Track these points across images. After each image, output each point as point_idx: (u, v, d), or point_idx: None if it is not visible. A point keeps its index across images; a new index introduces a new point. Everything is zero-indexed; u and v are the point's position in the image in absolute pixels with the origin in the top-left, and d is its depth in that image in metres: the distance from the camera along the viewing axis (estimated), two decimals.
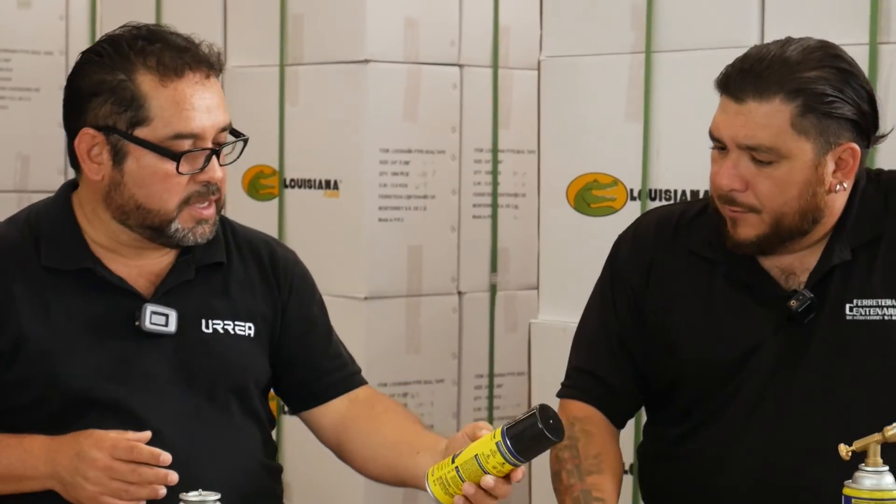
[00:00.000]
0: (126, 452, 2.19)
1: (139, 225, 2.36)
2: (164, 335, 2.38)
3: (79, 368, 2.33)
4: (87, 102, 2.35)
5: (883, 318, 2.39)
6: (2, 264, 2.37)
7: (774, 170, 2.35)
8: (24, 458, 2.26)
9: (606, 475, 2.39)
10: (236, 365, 2.44)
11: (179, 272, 2.42)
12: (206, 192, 2.35)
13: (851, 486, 1.96)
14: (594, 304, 2.57)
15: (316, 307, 2.56)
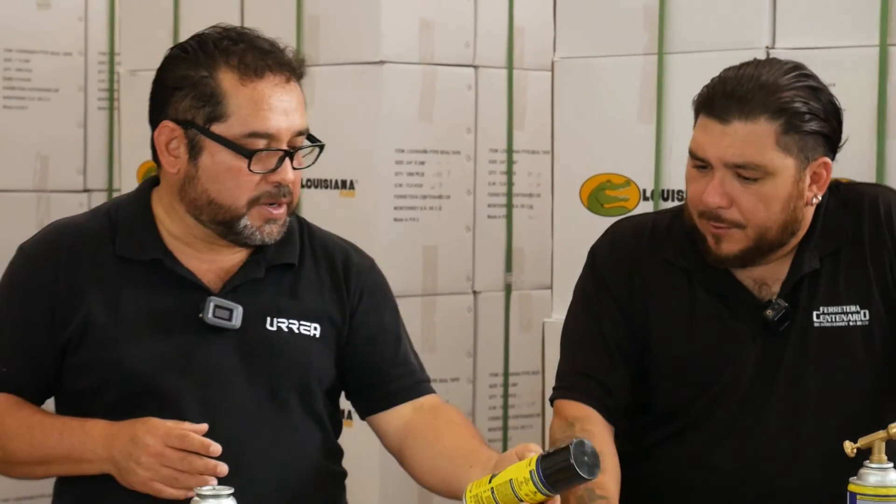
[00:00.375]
0: (178, 440, 2.24)
1: (210, 220, 2.40)
2: (227, 330, 2.41)
3: (141, 356, 2.38)
4: (170, 96, 2.41)
5: (848, 323, 2.49)
6: (77, 253, 2.43)
7: (760, 186, 2.44)
8: (84, 441, 2.32)
9: (608, 474, 2.43)
10: (298, 364, 2.47)
11: (249, 270, 2.46)
12: (277, 193, 2.39)
13: (857, 483, 1.98)
14: (581, 310, 2.62)
15: (388, 314, 2.57)
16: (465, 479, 2.30)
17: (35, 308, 2.42)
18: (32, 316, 2.42)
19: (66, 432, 2.34)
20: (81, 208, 4.74)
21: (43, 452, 2.35)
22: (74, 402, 2.42)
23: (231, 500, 1.99)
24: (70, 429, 2.35)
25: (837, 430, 2.14)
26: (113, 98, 4.78)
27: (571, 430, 2.47)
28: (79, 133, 4.75)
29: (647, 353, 2.56)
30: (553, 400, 2.59)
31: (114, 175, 4.79)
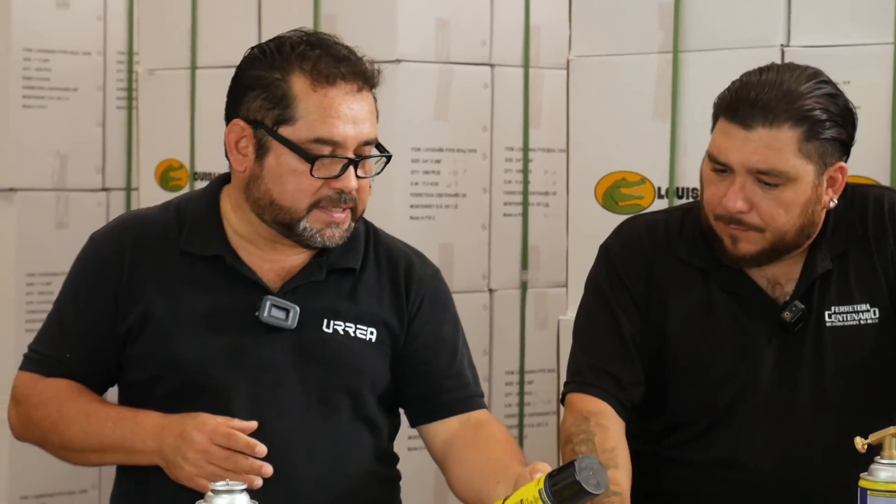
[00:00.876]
0: (224, 439, 2.26)
1: (273, 220, 2.43)
2: (283, 329, 2.43)
3: (196, 351, 2.41)
4: (243, 95, 2.44)
5: (859, 322, 2.53)
6: (142, 245, 2.47)
7: (780, 192, 2.47)
8: (135, 432, 2.36)
9: (622, 469, 2.44)
10: (351, 367, 2.47)
11: (310, 272, 2.48)
12: (338, 199, 2.40)
13: (867, 479, 1.99)
14: (595, 305, 2.63)
15: (447, 325, 2.57)
16: (491, 495, 2.32)
17: (100, 296, 2.45)
18: (96, 304, 2.45)
19: (120, 422, 2.38)
20: (100, 207, 4.77)
21: (97, 440, 2.39)
22: (131, 393, 2.47)
23: (244, 497, 2.00)
24: (123, 418, 2.38)
25: (859, 426, 2.15)
26: (131, 97, 4.80)
27: (586, 424, 2.49)
28: (97, 132, 4.77)
29: (663, 351, 2.58)
30: (565, 394, 2.60)
31: (132, 174, 4.80)
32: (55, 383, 2.45)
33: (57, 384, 2.45)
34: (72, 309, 2.48)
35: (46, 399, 2.44)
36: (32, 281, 4.62)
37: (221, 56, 4.25)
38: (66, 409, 2.42)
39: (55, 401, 2.43)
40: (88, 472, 4.73)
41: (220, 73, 4.24)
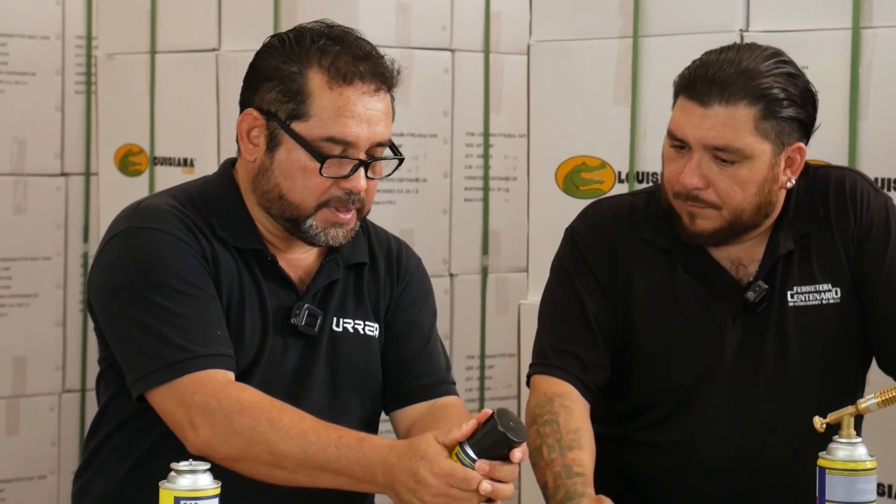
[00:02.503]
0: (464, 483, 2.11)
1: (279, 215, 2.37)
2: (306, 335, 2.40)
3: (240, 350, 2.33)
4: (260, 84, 2.38)
5: (821, 302, 2.55)
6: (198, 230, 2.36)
7: (737, 169, 2.49)
8: (364, 465, 2.17)
9: (586, 451, 2.45)
10: (360, 367, 2.45)
11: (330, 271, 2.44)
12: (347, 199, 2.34)
13: (826, 458, 2.00)
14: (559, 287, 2.64)
15: (424, 314, 2.54)
16: None
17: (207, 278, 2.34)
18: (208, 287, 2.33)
19: (344, 448, 2.19)
20: (58, 192, 4.75)
21: (317, 462, 2.19)
22: None
23: (207, 476, 2.00)
24: (347, 445, 2.19)
25: (821, 405, 2.18)
26: (90, 82, 4.78)
27: (550, 405, 2.50)
28: (56, 117, 4.75)
29: (628, 333, 2.59)
30: (530, 376, 2.61)
31: (91, 159, 4.79)
32: (242, 387, 2.27)
33: (246, 389, 2.27)
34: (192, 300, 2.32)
35: (250, 405, 2.23)
36: None
37: (181, 40, 4.25)
38: (277, 420, 2.22)
39: (261, 408, 2.23)
40: (47, 459, 4.72)
41: (180, 57, 4.25)
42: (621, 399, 2.63)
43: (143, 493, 2.22)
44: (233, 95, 4.15)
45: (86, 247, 4.79)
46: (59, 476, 4.74)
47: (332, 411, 2.36)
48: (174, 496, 1.97)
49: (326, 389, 2.42)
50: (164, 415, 2.29)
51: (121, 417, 2.44)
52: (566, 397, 2.53)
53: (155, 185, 4.29)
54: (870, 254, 2.56)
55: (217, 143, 4.15)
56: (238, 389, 2.26)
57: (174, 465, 2.00)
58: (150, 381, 2.28)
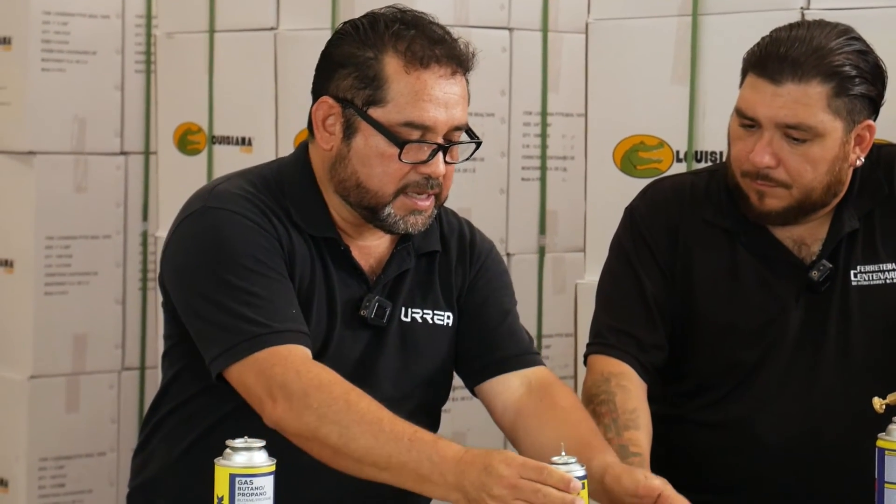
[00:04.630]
0: (535, 473, 2.07)
1: (357, 202, 2.37)
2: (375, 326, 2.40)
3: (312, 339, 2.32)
4: (334, 72, 2.37)
5: (885, 282, 2.54)
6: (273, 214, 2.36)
7: (808, 148, 2.47)
8: (434, 461, 2.14)
9: (643, 431, 2.45)
10: (428, 357, 2.45)
11: (401, 260, 2.44)
12: (426, 185, 2.34)
13: (885, 439, 1.99)
14: (618, 267, 2.64)
15: (500, 290, 2.53)
16: None
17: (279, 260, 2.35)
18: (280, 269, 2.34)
19: (418, 443, 2.15)
20: (118, 171, 4.78)
21: (386, 452, 2.16)
22: None
23: (262, 453, 2.01)
24: (422, 441, 2.16)
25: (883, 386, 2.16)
26: (150, 61, 4.80)
27: (607, 385, 2.50)
28: (116, 96, 4.78)
29: (689, 315, 2.58)
30: (587, 355, 2.60)
31: (150, 138, 4.81)
32: (322, 366, 2.26)
33: (326, 368, 2.26)
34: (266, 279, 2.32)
35: (329, 383, 2.22)
36: (51, 244, 4.64)
37: (240, 19, 4.25)
38: (355, 402, 2.20)
39: (340, 388, 2.22)
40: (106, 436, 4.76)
41: (239, 36, 4.26)
42: (680, 379, 2.62)
43: (201, 470, 2.22)
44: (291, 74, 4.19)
45: (145, 225, 4.82)
46: (118, 453, 4.78)
47: (396, 401, 2.33)
48: (229, 473, 1.99)
49: (391, 379, 2.41)
50: (242, 389, 2.28)
51: (183, 395, 2.45)
52: (623, 377, 2.52)
53: (213, 164, 4.31)
54: None
55: (275, 122, 4.16)
56: (318, 367, 2.25)
57: (229, 443, 2.01)
58: (230, 357, 2.27)
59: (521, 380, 2.47)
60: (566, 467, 2.01)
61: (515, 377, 2.47)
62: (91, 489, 4.71)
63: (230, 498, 1.98)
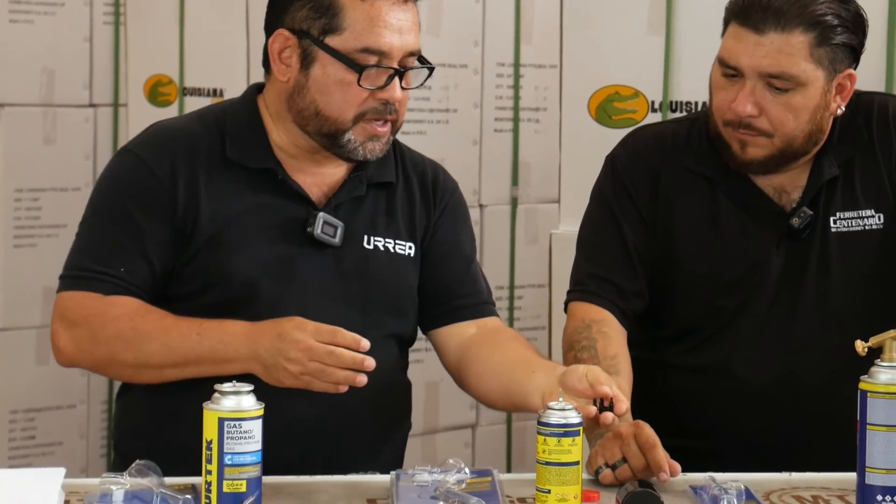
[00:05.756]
0: (329, 335, 2.24)
1: (316, 131, 2.43)
2: (328, 246, 2.44)
3: (247, 262, 2.41)
4: (288, 5, 2.43)
5: (864, 228, 2.57)
6: (192, 157, 2.44)
7: (790, 97, 2.50)
8: (226, 342, 2.32)
9: (623, 376, 2.47)
10: (392, 284, 2.50)
11: (352, 187, 2.49)
12: (384, 110, 2.41)
13: (868, 381, 2.01)
14: (599, 215, 2.66)
15: (463, 236, 2.60)
16: (524, 382, 2.35)
17: (158, 212, 2.42)
18: (154, 220, 2.42)
19: (205, 333, 2.34)
20: (87, 124, 4.75)
21: (180, 354, 2.35)
22: (175, 305, 2.42)
23: (251, 397, 2.02)
24: (208, 329, 2.34)
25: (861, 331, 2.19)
26: (119, 13, 4.77)
27: (588, 331, 2.52)
28: (85, 47, 4.74)
29: (669, 262, 2.60)
30: (568, 303, 2.62)
31: (120, 90, 4.78)
32: (119, 301, 2.39)
33: (122, 301, 2.39)
34: (124, 223, 2.43)
35: (116, 317, 2.38)
36: (20, 197, 4.60)
37: None
38: (141, 325, 2.37)
39: (126, 318, 2.37)
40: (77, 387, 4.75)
41: None
42: (660, 325, 2.64)
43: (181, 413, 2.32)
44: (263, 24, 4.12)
45: None
46: (88, 405, 4.76)
47: (364, 327, 2.39)
48: (218, 417, 2.00)
49: (357, 305, 2.46)
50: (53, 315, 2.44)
51: None
52: (604, 324, 2.54)
53: None
54: None
55: (247, 72, 4.14)
56: (109, 305, 2.38)
57: (218, 387, 2.02)
58: (60, 285, 2.44)
59: (476, 328, 2.55)
60: (562, 413, 2.03)
61: (471, 325, 2.55)
62: (62, 441, 4.70)
63: (219, 442, 1.98)
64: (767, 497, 2.22)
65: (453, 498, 2.09)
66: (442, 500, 2.09)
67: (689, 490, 2.22)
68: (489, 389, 2.49)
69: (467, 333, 2.54)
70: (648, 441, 2.23)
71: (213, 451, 1.98)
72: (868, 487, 1.99)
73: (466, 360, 2.53)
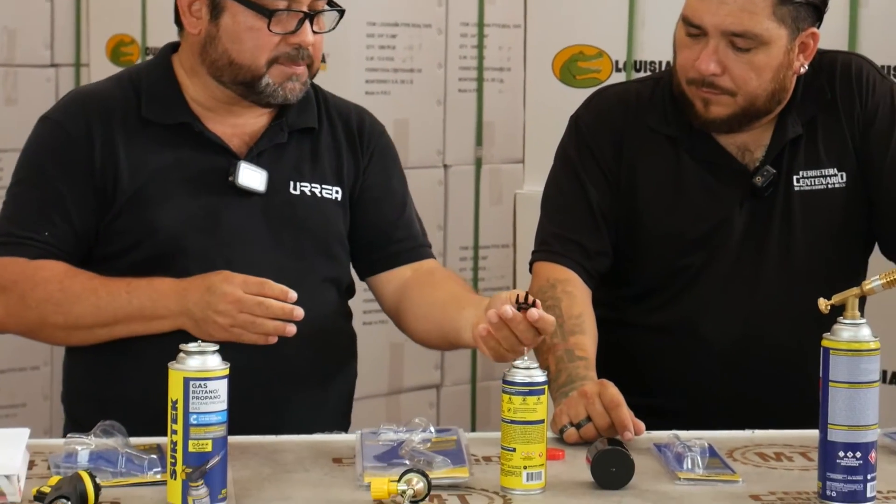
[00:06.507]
0: (256, 287, 2.28)
1: (232, 80, 2.45)
2: (253, 194, 2.46)
3: (172, 217, 2.42)
4: None
5: (826, 186, 2.57)
6: (107, 118, 2.46)
7: (753, 55, 2.49)
8: (154, 298, 2.35)
9: (588, 335, 2.48)
10: (321, 227, 2.51)
11: (273, 134, 2.50)
12: (296, 55, 2.43)
13: (830, 338, 2.01)
14: (563, 175, 2.65)
15: (396, 179, 2.62)
16: (456, 319, 2.39)
17: (76, 173, 2.44)
18: (72, 181, 2.44)
19: (134, 291, 2.36)
20: (49, 84, 4.71)
21: (110, 314, 2.37)
22: (103, 265, 2.44)
23: (216, 357, 2.02)
24: (137, 287, 2.36)
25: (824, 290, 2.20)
26: None
27: (553, 291, 2.52)
28: (45, 7, 4.70)
29: (633, 222, 2.61)
30: (532, 263, 2.63)
31: (81, 49, 4.75)
32: (46, 264, 2.42)
33: (49, 265, 2.42)
34: (45, 188, 2.44)
35: (44, 280, 2.40)
36: None
37: None
38: (69, 287, 2.39)
39: (54, 281, 2.39)
40: (40, 349, 4.73)
41: None
42: (624, 284, 2.65)
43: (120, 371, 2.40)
44: None
45: None
46: (51, 367, 4.75)
47: (298, 273, 2.44)
48: (183, 377, 1.99)
49: (288, 252, 2.48)
50: None
51: None
52: (568, 283, 2.55)
53: None
54: (875, 138, 2.58)
55: None
56: (36, 269, 2.39)
57: (183, 347, 2.01)
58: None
59: (412, 271, 2.58)
60: (527, 371, 2.04)
61: (407, 269, 2.58)
62: (25, 403, 4.69)
63: (184, 401, 1.97)
64: (731, 454, 2.24)
65: (419, 457, 2.10)
66: (407, 459, 2.10)
67: (653, 448, 2.23)
68: (425, 330, 2.53)
69: (404, 277, 2.57)
70: (613, 400, 2.24)
71: (178, 410, 1.97)
72: (830, 444, 2.00)
73: (404, 303, 2.56)
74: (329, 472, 2.14)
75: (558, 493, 2.04)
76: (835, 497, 2.00)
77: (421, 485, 1.96)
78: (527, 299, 2.18)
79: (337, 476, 2.12)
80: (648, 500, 2.02)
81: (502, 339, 2.20)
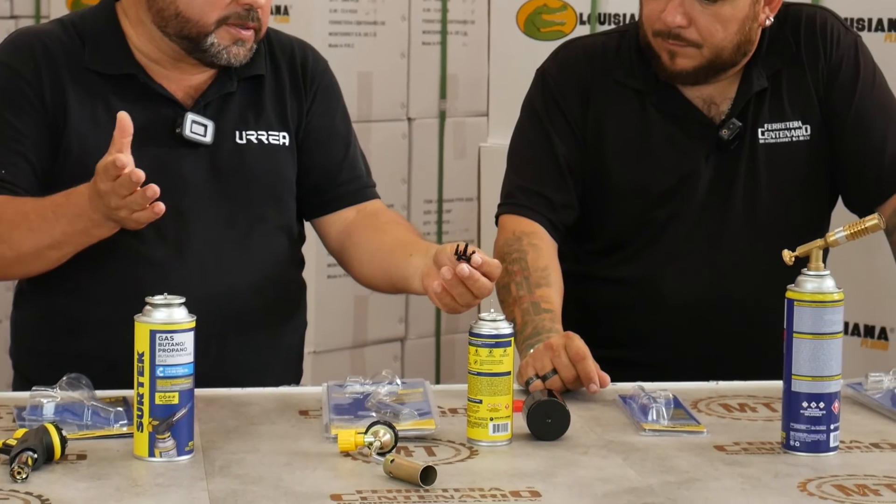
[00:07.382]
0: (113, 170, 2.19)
1: (177, 34, 2.41)
2: (200, 145, 2.44)
3: None
4: None
5: (791, 139, 2.59)
6: (54, 61, 2.42)
7: (719, 7, 2.50)
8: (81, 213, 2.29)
9: (554, 288, 2.48)
10: (269, 175, 2.50)
11: (221, 85, 2.47)
12: (247, 16, 2.40)
13: (794, 290, 2.02)
14: (530, 128, 2.65)
15: (339, 118, 2.60)
16: (403, 266, 2.38)
17: (30, 110, 2.41)
18: (25, 116, 2.41)
19: (60, 210, 2.32)
20: None
21: (48, 236, 2.33)
22: None
23: (182, 310, 2.01)
24: (62, 205, 2.32)
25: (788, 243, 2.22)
26: None
27: (518, 243, 2.52)
28: None
29: (599, 175, 2.61)
30: (498, 216, 2.63)
31: (41, 2, 4.71)
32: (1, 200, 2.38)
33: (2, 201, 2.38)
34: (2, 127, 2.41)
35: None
36: None
37: None
38: (4, 215, 2.35)
39: None
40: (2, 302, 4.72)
41: None
42: (590, 238, 2.65)
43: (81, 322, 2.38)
44: None
45: None
46: None
47: (248, 223, 2.44)
48: (150, 329, 1.98)
49: (237, 201, 2.47)
50: None
51: None
52: (534, 236, 2.55)
53: None
54: (839, 91, 2.58)
55: None
56: None
57: (149, 300, 2.00)
58: None
59: (356, 212, 2.57)
60: (493, 324, 2.04)
61: (351, 210, 2.57)
62: None
63: (151, 354, 1.97)
64: (695, 405, 2.25)
65: (385, 409, 2.11)
66: (374, 411, 2.10)
67: (619, 399, 2.24)
68: (371, 274, 2.52)
69: (348, 219, 2.56)
70: (578, 352, 2.25)
71: (144, 363, 1.97)
72: (794, 394, 2.01)
73: (348, 245, 2.55)
74: (295, 424, 2.14)
75: (525, 445, 2.05)
76: (798, 447, 2.01)
77: (388, 437, 1.96)
78: (466, 250, 2.18)
79: (303, 428, 2.12)
80: (614, 450, 2.03)
81: (458, 296, 2.20)
